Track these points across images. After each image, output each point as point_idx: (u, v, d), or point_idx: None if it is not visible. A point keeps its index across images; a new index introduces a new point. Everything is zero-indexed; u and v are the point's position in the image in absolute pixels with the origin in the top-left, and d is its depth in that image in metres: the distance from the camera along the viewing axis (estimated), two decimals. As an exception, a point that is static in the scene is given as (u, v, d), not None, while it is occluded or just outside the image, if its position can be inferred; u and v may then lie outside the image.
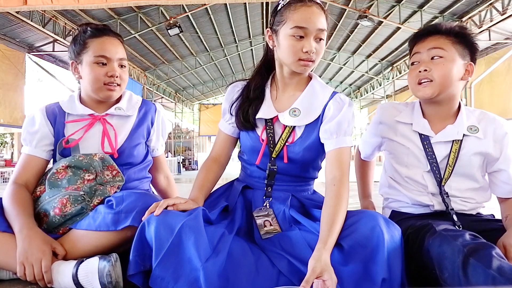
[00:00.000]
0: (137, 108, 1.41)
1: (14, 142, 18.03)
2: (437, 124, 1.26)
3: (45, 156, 1.30)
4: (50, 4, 3.34)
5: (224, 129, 1.29)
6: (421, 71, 1.21)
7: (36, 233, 1.07)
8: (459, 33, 1.22)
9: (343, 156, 1.12)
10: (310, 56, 1.11)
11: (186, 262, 0.89)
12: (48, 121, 1.31)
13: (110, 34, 1.33)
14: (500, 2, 7.84)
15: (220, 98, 20.97)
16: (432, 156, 1.22)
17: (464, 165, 1.21)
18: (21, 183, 1.23)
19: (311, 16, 1.08)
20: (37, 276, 1.00)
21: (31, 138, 1.29)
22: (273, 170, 1.17)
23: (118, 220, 1.05)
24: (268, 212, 1.15)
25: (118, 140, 1.32)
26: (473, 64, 1.23)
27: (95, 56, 1.27)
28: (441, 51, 1.19)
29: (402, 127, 1.31)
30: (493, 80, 8.67)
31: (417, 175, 1.25)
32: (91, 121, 1.32)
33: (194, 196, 1.15)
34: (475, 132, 1.22)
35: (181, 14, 9.13)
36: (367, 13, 8.69)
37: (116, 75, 1.29)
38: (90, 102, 1.36)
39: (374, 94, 16.56)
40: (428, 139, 1.24)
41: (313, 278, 0.86)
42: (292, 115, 1.17)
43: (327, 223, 0.99)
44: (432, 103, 1.26)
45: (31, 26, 7.82)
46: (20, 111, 8.94)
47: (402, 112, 1.33)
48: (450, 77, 1.19)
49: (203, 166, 1.28)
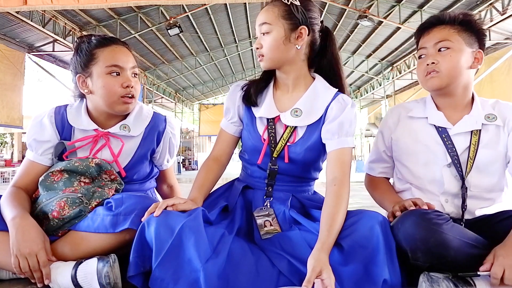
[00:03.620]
0: (144, 126, 1.32)
1: (14, 142, 18.02)
2: (452, 115, 1.22)
3: (48, 163, 1.26)
4: (50, 4, 3.33)
5: (226, 128, 1.29)
6: (428, 63, 1.19)
7: (29, 224, 1.04)
8: (464, 21, 1.18)
9: (345, 157, 1.12)
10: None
11: (186, 263, 0.89)
12: (57, 130, 1.26)
13: (118, 42, 1.26)
14: (500, 2, 7.82)
15: (220, 98, 20.97)
16: (452, 149, 1.18)
17: (484, 157, 1.16)
18: (20, 187, 1.21)
19: None
20: (33, 269, 0.98)
21: (38, 146, 1.25)
22: (274, 170, 1.17)
23: (117, 223, 1.04)
24: (269, 212, 1.14)
25: (121, 160, 1.27)
26: (481, 51, 1.20)
27: (107, 66, 1.20)
28: (448, 43, 1.17)
29: (416, 123, 1.26)
30: (494, 80, 8.66)
31: (436, 172, 1.20)
32: (94, 138, 1.26)
33: (193, 196, 1.14)
34: (493, 120, 1.18)
35: (181, 14, 9.12)
36: (367, 13, 8.68)
37: (132, 85, 1.22)
38: (99, 116, 1.28)
39: (374, 94, 16.54)
40: (446, 131, 1.20)
41: (314, 277, 0.86)
42: (294, 115, 1.16)
43: (327, 222, 0.99)
44: (444, 95, 1.23)
45: (31, 26, 7.80)
46: (17, 111, 8.90)
47: (414, 108, 1.29)
48: (458, 68, 1.16)
49: (203, 165, 1.27)
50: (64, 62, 10.02)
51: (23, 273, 1.01)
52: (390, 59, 13.15)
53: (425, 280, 0.93)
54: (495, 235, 1.01)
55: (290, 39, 1.14)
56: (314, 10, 1.19)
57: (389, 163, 1.35)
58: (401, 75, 13.04)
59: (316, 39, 1.20)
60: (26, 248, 0.99)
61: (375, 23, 9.72)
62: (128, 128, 1.28)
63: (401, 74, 12.96)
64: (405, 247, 0.94)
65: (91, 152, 1.26)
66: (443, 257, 0.91)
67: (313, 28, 1.17)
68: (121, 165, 1.26)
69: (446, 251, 0.90)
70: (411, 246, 0.93)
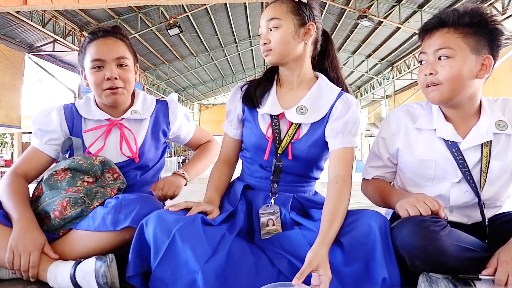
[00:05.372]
0: (152, 109, 1.38)
1: (14, 142, 18.02)
2: (461, 126, 1.12)
3: (52, 154, 1.29)
4: (50, 4, 3.33)
5: (227, 131, 1.30)
6: (427, 74, 1.07)
7: (33, 226, 1.08)
8: (472, 23, 1.03)
9: (348, 156, 1.13)
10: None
11: (183, 264, 0.90)
12: (66, 124, 1.29)
13: (107, 35, 1.27)
14: (500, 2, 7.83)
15: (220, 98, 20.97)
16: (463, 164, 1.08)
17: (496, 169, 1.08)
18: (19, 173, 1.23)
19: None
20: (23, 268, 1.02)
21: (43, 135, 1.28)
22: (279, 167, 1.17)
23: (117, 221, 1.04)
24: (274, 210, 1.15)
25: (137, 144, 1.31)
26: (490, 57, 1.04)
27: (91, 61, 1.24)
28: (448, 51, 1.03)
29: (423, 135, 1.15)
30: (495, 80, 8.65)
31: (442, 189, 1.12)
32: (108, 127, 1.30)
33: (210, 197, 1.17)
34: (504, 128, 1.08)
35: (181, 14, 9.13)
36: (367, 13, 8.68)
37: (114, 76, 1.22)
38: (104, 107, 1.33)
39: (374, 94, 16.54)
40: (457, 145, 1.09)
41: (308, 271, 0.87)
42: (299, 112, 1.17)
43: (328, 218, 1.00)
44: (449, 107, 1.12)
45: (31, 26, 7.80)
46: (16, 111, 8.89)
47: (420, 117, 1.17)
48: (460, 79, 1.03)
49: (215, 168, 1.30)
50: (64, 62, 10.02)
51: (13, 269, 1.03)
52: (390, 59, 13.15)
53: (424, 280, 0.93)
54: (496, 237, 1.00)
55: (299, 34, 1.15)
56: (318, 10, 1.21)
57: (393, 168, 1.26)
58: (401, 75, 13.04)
59: (319, 38, 1.24)
60: (22, 246, 1.02)
61: (375, 23, 9.72)
62: (138, 112, 1.34)
63: (401, 74, 12.96)
64: (403, 255, 0.93)
65: (105, 142, 1.29)
66: (442, 264, 0.90)
67: (317, 26, 1.19)
68: (135, 152, 1.30)
69: (445, 258, 0.89)
70: (409, 255, 0.92)
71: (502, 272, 0.88)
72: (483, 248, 0.95)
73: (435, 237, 0.89)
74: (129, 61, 1.29)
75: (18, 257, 1.02)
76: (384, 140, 1.23)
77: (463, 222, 1.15)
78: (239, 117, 1.27)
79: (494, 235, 1.08)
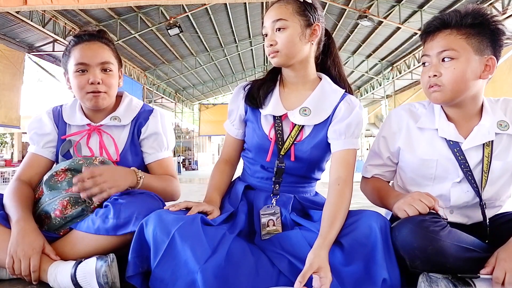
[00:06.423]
0: (133, 115, 1.33)
1: (14, 142, 18.01)
2: (463, 126, 1.12)
3: (51, 157, 1.31)
4: (50, 4, 3.34)
5: (229, 131, 1.30)
6: (430, 76, 1.07)
7: (31, 228, 1.07)
8: (474, 24, 1.03)
9: (350, 157, 1.13)
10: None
11: (183, 264, 0.90)
12: (55, 125, 1.31)
13: (92, 39, 1.26)
14: (500, 2, 7.83)
15: (220, 98, 20.96)
16: (465, 165, 1.08)
17: (497, 169, 1.08)
18: (24, 180, 1.24)
19: None
20: (24, 272, 1.01)
21: (39, 139, 1.30)
22: (281, 168, 1.17)
23: (118, 226, 1.04)
24: (275, 211, 1.15)
25: (113, 151, 1.29)
26: (494, 57, 1.05)
27: (75, 65, 1.23)
28: (452, 52, 1.03)
29: (425, 135, 1.15)
30: (495, 80, 8.65)
31: (443, 189, 1.12)
32: (87, 132, 1.30)
33: (211, 197, 1.17)
34: (505, 128, 1.09)
35: (181, 14, 9.12)
36: (367, 13, 8.68)
37: (97, 81, 1.22)
38: (87, 111, 1.33)
39: (374, 94, 16.53)
40: (458, 145, 1.10)
41: (309, 273, 0.87)
42: (303, 114, 1.17)
43: (328, 219, 1.00)
44: (452, 106, 1.12)
45: (31, 26, 7.80)
46: (15, 111, 8.89)
47: (422, 116, 1.17)
48: (464, 81, 1.03)
49: (216, 168, 1.29)
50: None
51: (15, 274, 1.03)
52: (390, 59, 13.15)
53: (424, 280, 0.93)
54: (496, 237, 1.01)
55: (305, 35, 1.14)
56: (321, 10, 1.21)
57: (393, 167, 1.26)
58: (401, 75, 13.04)
59: (323, 38, 1.23)
60: (21, 251, 1.02)
61: (375, 23, 9.72)
62: (118, 118, 1.31)
63: (401, 74, 12.96)
64: (403, 255, 0.94)
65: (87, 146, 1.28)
66: (442, 264, 0.90)
67: (322, 27, 1.19)
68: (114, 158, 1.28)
69: (445, 258, 0.89)
70: (409, 255, 0.92)
71: (500, 270, 0.88)
72: (483, 248, 0.95)
73: (435, 237, 0.89)
74: (114, 66, 1.28)
75: (18, 262, 1.02)
76: (385, 138, 1.24)
77: (463, 223, 1.15)
78: (241, 117, 1.27)
79: (494, 235, 1.08)
